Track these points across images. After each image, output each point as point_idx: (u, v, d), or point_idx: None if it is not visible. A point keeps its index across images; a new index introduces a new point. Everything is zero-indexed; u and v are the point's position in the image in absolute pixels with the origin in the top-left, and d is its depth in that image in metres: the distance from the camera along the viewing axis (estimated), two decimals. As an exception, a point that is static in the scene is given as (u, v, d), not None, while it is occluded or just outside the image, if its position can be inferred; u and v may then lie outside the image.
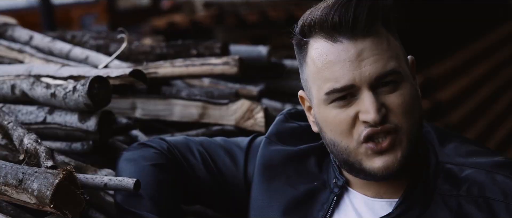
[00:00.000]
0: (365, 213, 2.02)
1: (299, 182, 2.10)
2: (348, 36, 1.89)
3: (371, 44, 1.90)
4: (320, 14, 1.91)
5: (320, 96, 1.94)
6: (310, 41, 1.95)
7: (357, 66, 1.89)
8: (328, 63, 1.91)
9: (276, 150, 2.16)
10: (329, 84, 1.91)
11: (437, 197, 1.95)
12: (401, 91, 1.91)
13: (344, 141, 1.94)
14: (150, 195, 2.07)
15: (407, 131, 1.91)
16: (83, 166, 2.26)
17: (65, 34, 3.20)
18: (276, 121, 2.23)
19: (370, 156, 1.92)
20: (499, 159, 1.98)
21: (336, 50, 1.90)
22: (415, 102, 1.94)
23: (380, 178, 1.94)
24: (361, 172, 1.96)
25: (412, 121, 1.92)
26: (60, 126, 2.35)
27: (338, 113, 1.92)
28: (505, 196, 1.90)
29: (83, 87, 2.25)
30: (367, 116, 1.88)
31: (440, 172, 1.98)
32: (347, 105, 1.91)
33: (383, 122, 1.89)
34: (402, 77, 1.92)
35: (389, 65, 1.90)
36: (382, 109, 1.89)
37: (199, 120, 2.64)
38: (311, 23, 1.93)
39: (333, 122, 1.94)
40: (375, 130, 1.90)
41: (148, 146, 2.20)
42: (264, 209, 2.11)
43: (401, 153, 1.91)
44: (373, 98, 1.88)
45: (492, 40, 9.20)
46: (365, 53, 1.89)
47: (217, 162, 2.19)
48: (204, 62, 2.65)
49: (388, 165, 1.91)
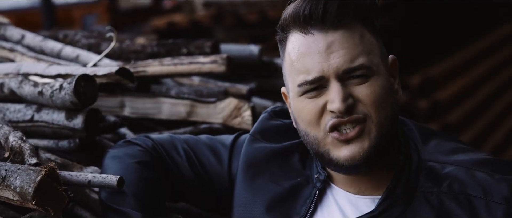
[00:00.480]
0: (348, 209, 2.04)
1: (283, 178, 2.12)
2: (318, 28, 1.94)
3: (341, 37, 1.94)
4: (293, 8, 1.97)
5: (294, 88, 1.99)
6: (288, 36, 2.00)
7: (326, 58, 1.93)
8: (300, 55, 1.96)
9: (260, 148, 2.18)
10: (301, 76, 1.96)
11: (419, 194, 1.97)
12: (371, 83, 1.94)
13: (313, 131, 1.97)
14: (134, 192, 2.09)
15: (376, 122, 1.94)
16: (69, 163, 2.28)
17: (58, 33, 3.22)
18: (260, 118, 2.25)
19: (336, 145, 1.95)
20: (480, 157, 2.00)
21: (308, 42, 1.95)
22: (387, 95, 1.96)
23: (347, 168, 1.96)
24: (330, 163, 1.98)
25: (383, 113, 1.94)
26: (48, 124, 2.37)
27: (308, 103, 1.96)
28: (485, 193, 1.93)
29: (70, 85, 2.27)
30: (332, 105, 1.92)
31: (422, 169, 2.00)
32: (317, 96, 1.95)
33: (349, 112, 1.92)
34: (372, 71, 1.95)
35: (357, 60, 1.93)
36: (348, 99, 1.92)
37: (187, 118, 2.65)
38: (287, 17, 1.98)
39: (303, 112, 1.98)
40: (341, 121, 1.93)
41: (133, 144, 2.22)
42: (248, 205, 2.13)
43: (368, 143, 1.94)
44: (339, 88, 1.92)
45: (493, 40, 9.20)
46: (335, 45, 1.93)
47: (201, 160, 2.21)
48: (192, 60, 2.67)
49: (354, 154, 1.94)
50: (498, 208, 1.90)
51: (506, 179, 1.92)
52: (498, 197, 1.91)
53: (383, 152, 1.97)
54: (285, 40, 2.01)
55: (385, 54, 2.02)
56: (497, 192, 1.91)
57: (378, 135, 1.94)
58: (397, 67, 2.06)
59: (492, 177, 1.93)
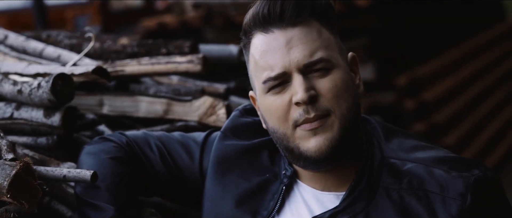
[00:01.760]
0: (314, 205, 2.11)
1: (252, 174, 2.19)
2: (278, 26, 2.03)
3: (300, 32, 2.03)
4: (253, 10, 2.06)
5: (260, 86, 2.07)
6: (251, 39, 2.09)
7: (286, 53, 2.02)
8: (263, 53, 2.04)
9: (230, 145, 2.25)
10: (265, 73, 2.04)
11: (381, 190, 2.05)
12: (332, 76, 2.03)
13: (281, 127, 2.05)
14: (107, 187, 2.17)
15: (339, 114, 2.02)
16: (46, 159, 2.36)
17: (41, 33, 3.29)
18: (231, 116, 2.33)
19: (305, 137, 2.03)
20: (439, 155, 2.08)
21: (269, 40, 2.04)
22: (348, 88, 2.05)
23: (315, 161, 2.04)
24: (300, 157, 2.05)
25: (344, 106, 2.03)
26: (27, 121, 2.45)
27: (275, 99, 2.04)
28: (441, 189, 2.01)
29: (47, 84, 2.35)
30: (296, 97, 2.00)
31: (385, 166, 2.08)
32: (282, 91, 2.04)
33: (313, 104, 2.00)
34: (332, 65, 2.04)
35: (317, 54, 2.03)
36: (311, 90, 2.01)
37: (164, 116, 2.73)
38: (248, 20, 2.07)
39: (271, 109, 2.06)
40: (309, 119, 2.01)
41: (108, 140, 2.30)
42: (218, 200, 2.20)
43: (332, 135, 2.02)
44: (302, 80, 2.01)
45: (482, 40, 9.25)
46: (294, 41, 2.02)
47: (173, 156, 2.29)
48: (169, 60, 2.75)
49: (320, 145, 2.02)
50: (453, 203, 1.98)
51: (462, 176, 2.00)
52: (454, 193, 1.99)
53: (348, 144, 2.05)
54: (248, 44, 2.10)
55: (343, 50, 2.11)
56: (453, 188, 1.99)
57: (342, 127, 2.02)
58: (357, 63, 2.15)
59: (449, 174, 2.01)
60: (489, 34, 9.53)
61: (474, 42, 8.95)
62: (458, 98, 7.97)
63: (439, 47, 8.15)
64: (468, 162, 2.05)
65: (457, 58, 8.34)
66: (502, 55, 9.73)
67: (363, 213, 2.04)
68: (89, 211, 2.14)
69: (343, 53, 2.10)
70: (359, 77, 2.14)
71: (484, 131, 8.24)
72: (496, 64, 9.37)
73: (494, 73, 9.19)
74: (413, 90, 7.16)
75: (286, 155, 2.11)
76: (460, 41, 8.67)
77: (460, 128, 7.68)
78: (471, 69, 8.54)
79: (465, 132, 7.73)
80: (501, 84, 9.30)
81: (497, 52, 9.57)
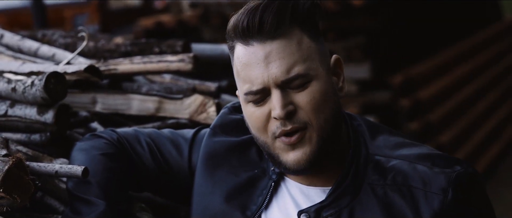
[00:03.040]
0: (301, 199, 2.17)
1: (241, 170, 2.24)
2: (257, 39, 2.05)
3: (278, 46, 2.05)
4: (234, 20, 2.08)
5: (241, 95, 2.13)
6: (234, 46, 2.12)
7: (265, 68, 2.05)
8: (243, 65, 2.08)
9: (219, 141, 2.30)
10: (246, 86, 2.09)
11: (366, 186, 2.11)
12: (310, 89, 2.06)
13: (261, 137, 2.11)
14: (98, 182, 2.22)
15: (317, 127, 2.07)
16: (40, 155, 2.41)
17: (36, 33, 3.34)
18: (220, 113, 2.38)
19: (284, 150, 2.08)
20: (422, 151, 2.14)
21: (248, 53, 2.07)
22: (327, 98, 2.08)
23: (294, 171, 2.11)
24: (280, 165, 2.12)
25: (322, 117, 2.07)
26: (20, 119, 2.50)
27: (255, 111, 2.10)
28: (424, 184, 2.06)
29: (40, 82, 2.40)
30: (274, 112, 2.05)
31: (370, 162, 2.14)
32: (262, 104, 2.08)
33: (290, 118, 2.05)
34: (310, 77, 2.06)
35: (294, 70, 2.05)
36: (288, 105, 2.05)
37: (155, 114, 2.78)
38: (229, 29, 2.10)
39: (251, 119, 2.12)
40: (286, 131, 2.06)
41: (99, 137, 2.35)
42: (207, 195, 2.25)
43: (310, 149, 2.07)
44: (280, 96, 2.05)
45: (478, 40, 9.28)
46: (272, 56, 2.04)
47: (163, 152, 2.34)
48: (161, 59, 2.80)
49: (298, 159, 2.08)
50: (435, 198, 2.04)
51: (444, 172, 2.06)
52: (436, 188, 2.04)
53: (328, 153, 2.10)
54: (233, 49, 2.13)
55: (326, 55, 2.13)
56: (435, 183, 2.05)
57: (320, 140, 2.07)
58: (342, 65, 2.18)
59: (432, 170, 2.07)
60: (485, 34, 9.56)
61: (469, 41, 8.98)
62: (453, 97, 8.01)
63: (435, 47, 8.18)
64: (451, 159, 2.11)
65: (452, 57, 8.37)
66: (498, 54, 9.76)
67: (348, 208, 2.10)
68: (81, 206, 2.19)
69: (326, 58, 2.13)
70: (343, 79, 2.17)
71: (479, 130, 8.28)
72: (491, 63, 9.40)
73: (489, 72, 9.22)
74: (409, 89, 7.20)
75: (269, 158, 2.16)
76: (456, 40, 8.70)
77: (455, 127, 7.72)
78: (466, 68, 8.57)
79: (460, 131, 7.77)
80: (496, 83, 9.34)
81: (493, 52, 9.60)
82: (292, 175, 2.15)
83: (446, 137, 7.39)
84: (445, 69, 8.06)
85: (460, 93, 8.21)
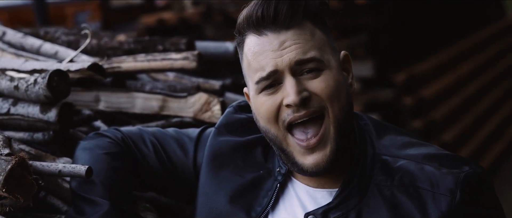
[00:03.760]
0: (307, 201, 2.14)
1: (246, 171, 2.22)
2: (271, 29, 2.04)
3: (293, 35, 2.04)
4: (247, 11, 2.07)
5: (253, 86, 2.09)
6: (244, 39, 2.10)
7: (279, 54, 2.03)
8: (255, 54, 2.06)
9: (224, 141, 2.27)
10: (257, 74, 2.06)
11: (373, 187, 2.08)
12: (324, 77, 2.04)
13: (272, 129, 2.07)
14: (102, 181, 2.20)
15: (333, 115, 2.04)
16: (42, 154, 2.39)
17: (39, 30, 3.31)
18: (225, 112, 2.35)
19: (301, 152, 2.06)
20: (430, 151, 2.11)
21: (262, 42, 2.05)
22: (341, 88, 2.06)
23: (311, 174, 2.08)
24: (294, 165, 2.09)
25: (338, 106, 2.04)
26: (23, 117, 2.48)
27: (266, 100, 2.06)
28: (431, 186, 2.04)
29: (43, 80, 2.38)
30: (288, 99, 2.02)
31: (377, 163, 2.11)
32: (274, 92, 2.05)
33: (305, 105, 2.02)
34: (324, 65, 2.05)
35: (309, 53, 2.04)
36: (303, 92, 2.02)
37: (159, 113, 2.76)
38: (242, 21, 2.08)
39: (262, 109, 2.08)
40: (298, 116, 2.03)
41: (103, 136, 2.32)
42: (212, 195, 2.22)
43: (330, 148, 2.05)
44: (293, 82, 2.02)
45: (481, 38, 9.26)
46: (287, 42, 2.04)
47: (168, 152, 2.31)
48: (165, 57, 2.77)
49: (318, 162, 2.05)
50: (443, 200, 2.01)
51: (452, 173, 2.03)
52: (444, 189, 2.02)
53: (344, 149, 2.08)
54: (242, 43, 2.11)
55: (336, 50, 2.12)
56: (443, 184, 2.02)
57: (337, 134, 2.05)
58: (350, 61, 2.16)
59: (439, 171, 2.04)
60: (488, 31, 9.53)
61: (473, 39, 8.95)
62: (457, 95, 7.98)
63: (438, 44, 8.16)
64: (459, 159, 2.08)
65: (455, 55, 8.34)
66: (501, 52, 9.73)
67: (355, 210, 2.07)
68: (84, 206, 2.17)
69: (336, 53, 2.12)
70: (352, 76, 2.16)
71: (482, 128, 8.25)
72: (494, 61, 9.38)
73: (492, 70, 9.19)
74: (412, 87, 7.16)
75: (280, 155, 2.13)
76: (459, 38, 8.67)
77: (458, 125, 7.69)
78: (469, 66, 8.54)
79: (463, 129, 7.74)
80: (500, 82, 9.31)
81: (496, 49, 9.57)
82: (307, 176, 2.12)
83: (449, 135, 7.36)
84: (448, 67, 8.03)
85: (463, 91, 8.17)
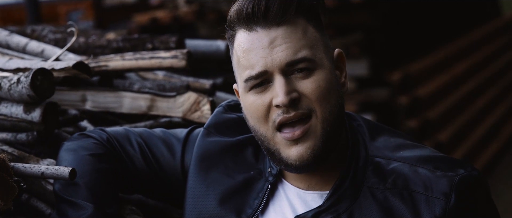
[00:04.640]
0: (298, 204, 2.08)
1: (236, 171, 2.16)
2: (262, 25, 1.98)
3: (284, 32, 1.98)
4: (238, 6, 2.01)
5: (241, 84, 2.03)
6: (235, 34, 2.04)
7: (269, 53, 1.97)
8: (245, 51, 2.00)
9: (214, 141, 2.21)
10: (247, 71, 2.00)
11: (366, 190, 2.02)
12: (315, 77, 1.98)
13: (261, 128, 2.01)
14: (86, 184, 2.13)
15: (321, 116, 1.98)
16: (26, 156, 2.32)
17: (26, 28, 3.25)
18: (215, 112, 2.29)
19: (286, 145, 1.99)
20: (424, 154, 2.05)
21: (252, 39, 1.99)
22: (332, 89, 2.00)
23: (296, 168, 2.00)
24: (280, 162, 2.02)
25: (327, 108, 1.98)
26: (6, 117, 2.41)
27: (256, 99, 2.00)
28: (425, 189, 1.98)
29: (26, 79, 2.31)
30: (276, 99, 1.96)
31: (369, 165, 2.05)
32: (263, 91, 1.99)
33: (294, 106, 1.96)
34: (316, 65, 1.99)
35: (300, 52, 1.97)
36: (292, 93, 1.96)
37: (147, 112, 2.69)
38: (232, 15, 2.02)
39: (251, 109, 2.02)
40: (288, 118, 1.96)
41: (88, 137, 2.26)
42: (201, 197, 2.16)
43: (314, 142, 1.98)
44: (283, 82, 1.96)
45: (476, 36, 9.25)
46: (277, 40, 1.97)
47: (155, 153, 2.25)
48: (153, 55, 2.71)
49: (301, 154, 1.98)
50: (437, 203, 1.95)
51: (447, 176, 1.97)
52: (438, 192, 1.96)
53: (331, 148, 2.02)
54: (233, 38, 2.05)
55: (329, 47, 2.06)
56: (437, 188, 1.96)
57: (324, 132, 1.98)
58: (344, 59, 2.10)
59: (433, 174, 1.98)
60: (484, 30, 9.52)
61: (468, 38, 8.94)
62: (452, 95, 7.96)
63: (433, 43, 8.14)
64: (454, 162, 2.02)
65: (451, 54, 8.33)
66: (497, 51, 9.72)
67: (346, 213, 2.01)
68: (68, 209, 2.10)
69: (329, 51, 2.06)
70: (345, 75, 2.10)
71: (478, 127, 8.23)
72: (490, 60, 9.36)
73: (488, 70, 9.18)
74: (407, 86, 7.15)
75: (268, 155, 2.07)
76: (455, 37, 8.66)
77: (454, 125, 7.67)
78: (465, 66, 8.53)
79: (459, 128, 7.72)
80: (495, 81, 9.29)
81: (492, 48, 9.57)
82: (292, 172, 2.05)
83: (444, 134, 7.33)
84: (444, 66, 8.01)
85: (458, 90, 8.16)
